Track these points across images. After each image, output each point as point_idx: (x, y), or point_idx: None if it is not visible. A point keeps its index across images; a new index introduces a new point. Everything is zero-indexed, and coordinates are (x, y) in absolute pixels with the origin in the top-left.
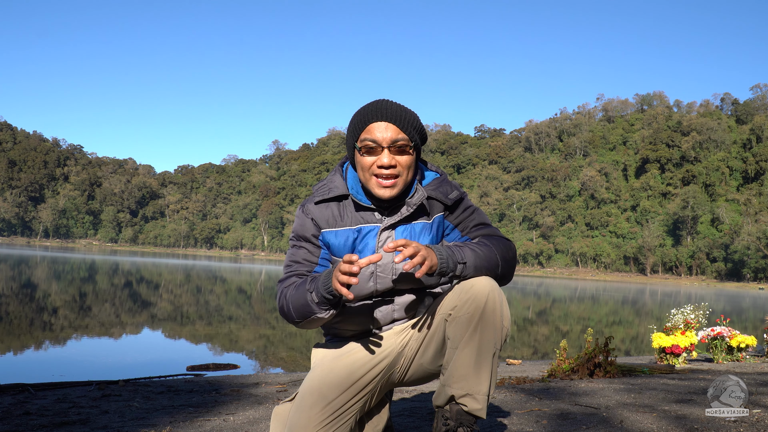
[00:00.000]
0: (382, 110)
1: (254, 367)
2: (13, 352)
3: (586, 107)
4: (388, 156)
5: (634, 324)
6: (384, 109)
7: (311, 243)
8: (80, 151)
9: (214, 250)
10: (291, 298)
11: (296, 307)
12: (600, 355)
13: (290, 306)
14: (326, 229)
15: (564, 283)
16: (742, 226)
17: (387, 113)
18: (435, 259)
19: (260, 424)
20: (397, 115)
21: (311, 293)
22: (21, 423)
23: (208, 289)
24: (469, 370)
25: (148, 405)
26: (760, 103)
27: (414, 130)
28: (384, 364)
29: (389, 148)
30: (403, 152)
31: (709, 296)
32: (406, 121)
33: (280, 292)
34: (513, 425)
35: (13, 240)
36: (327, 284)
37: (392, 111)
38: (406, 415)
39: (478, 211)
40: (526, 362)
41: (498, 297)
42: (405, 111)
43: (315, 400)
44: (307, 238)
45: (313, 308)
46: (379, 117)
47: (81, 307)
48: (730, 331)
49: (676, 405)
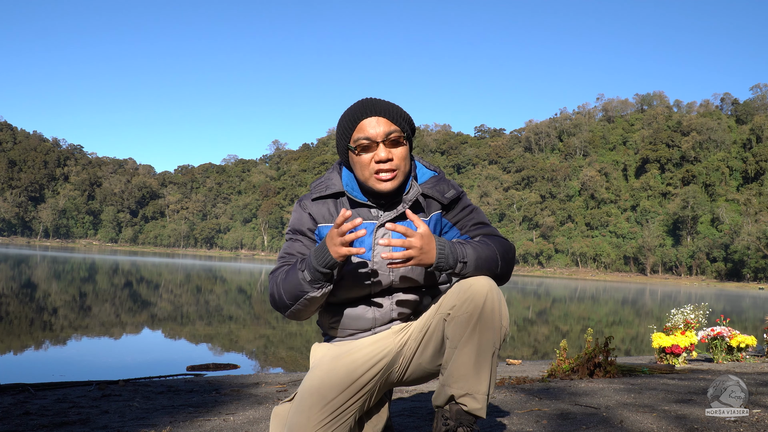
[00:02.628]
0: (369, 106)
1: (254, 367)
2: (13, 352)
3: (586, 107)
4: (384, 150)
5: (634, 324)
6: (372, 105)
7: (307, 237)
8: (80, 151)
9: (214, 250)
10: (282, 282)
11: (287, 290)
12: (600, 355)
13: (281, 290)
14: (323, 224)
15: (564, 283)
16: (742, 226)
17: (375, 108)
18: (432, 257)
19: (260, 424)
20: (386, 108)
21: (303, 272)
22: (21, 423)
23: (208, 289)
24: (468, 369)
25: (148, 405)
26: (760, 103)
27: (404, 120)
28: (383, 363)
29: (384, 142)
30: (398, 144)
31: (709, 296)
32: (395, 113)
33: (272, 280)
34: (513, 425)
35: (13, 240)
36: (320, 259)
37: (380, 105)
38: (406, 414)
39: (477, 210)
40: (526, 362)
41: (497, 297)
42: (391, 104)
43: (314, 401)
44: (302, 231)
45: (305, 287)
46: (368, 113)
47: (81, 307)
48: (730, 331)
49: (676, 405)
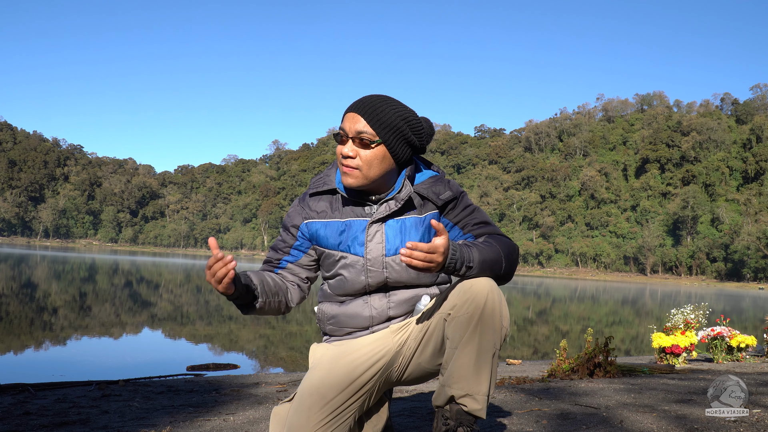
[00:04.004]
0: (359, 102)
1: (254, 366)
2: (13, 352)
3: (586, 107)
4: (349, 146)
5: (634, 324)
6: (361, 102)
7: (289, 233)
8: (80, 151)
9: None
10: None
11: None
12: (600, 355)
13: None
14: (317, 219)
15: (564, 283)
16: (742, 226)
17: (361, 106)
18: (442, 263)
19: (260, 424)
20: (371, 110)
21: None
22: (21, 423)
23: (208, 289)
24: (468, 370)
25: (148, 405)
26: (760, 103)
27: (385, 128)
28: (382, 363)
29: (353, 139)
30: (366, 146)
31: (709, 296)
32: (378, 117)
33: None
34: (513, 425)
35: (13, 240)
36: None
37: (367, 105)
38: (405, 414)
39: (479, 209)
40: (526, 362)
41: (497, 297)
42: (383, 108)
43: (314, 401)
44: (287, 227)
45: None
46: (353, 108)
47: (81, 306)
48: (730, 331)
49: (676, 405)
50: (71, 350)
